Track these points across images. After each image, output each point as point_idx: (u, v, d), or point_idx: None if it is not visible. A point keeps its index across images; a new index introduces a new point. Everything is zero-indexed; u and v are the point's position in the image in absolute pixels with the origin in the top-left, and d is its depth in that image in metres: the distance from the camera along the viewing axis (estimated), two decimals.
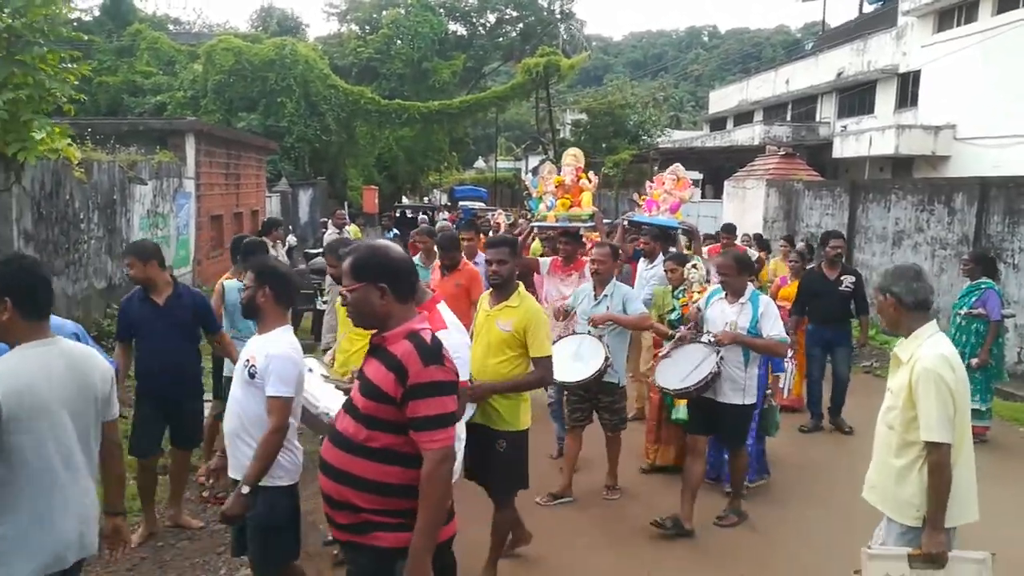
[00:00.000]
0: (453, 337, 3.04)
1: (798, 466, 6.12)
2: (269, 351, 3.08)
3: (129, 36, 26.76)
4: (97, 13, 27.67)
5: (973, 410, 5.47)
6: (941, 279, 10.35)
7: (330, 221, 12.56)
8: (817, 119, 27.45)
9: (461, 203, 31.50)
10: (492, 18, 37.79)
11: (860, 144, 21.78)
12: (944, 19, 21.25)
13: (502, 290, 3.94)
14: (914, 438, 2.92)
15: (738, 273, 4.72)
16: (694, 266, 5.72)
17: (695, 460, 4.80)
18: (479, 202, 32.76)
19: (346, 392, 3.00)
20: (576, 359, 4.95)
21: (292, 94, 24.15)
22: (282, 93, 24.07)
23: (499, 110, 33.98)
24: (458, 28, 36.88)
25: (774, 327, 4.61)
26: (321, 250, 13.04)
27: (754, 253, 9.16)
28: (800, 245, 8.90)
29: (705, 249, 8.30)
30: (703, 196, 24.59)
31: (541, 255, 7.72)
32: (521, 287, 4.00)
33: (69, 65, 6.71)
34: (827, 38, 31.85)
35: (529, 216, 13.32)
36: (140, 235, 9.79)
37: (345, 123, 26.18)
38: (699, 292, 5.48)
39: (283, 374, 3.05)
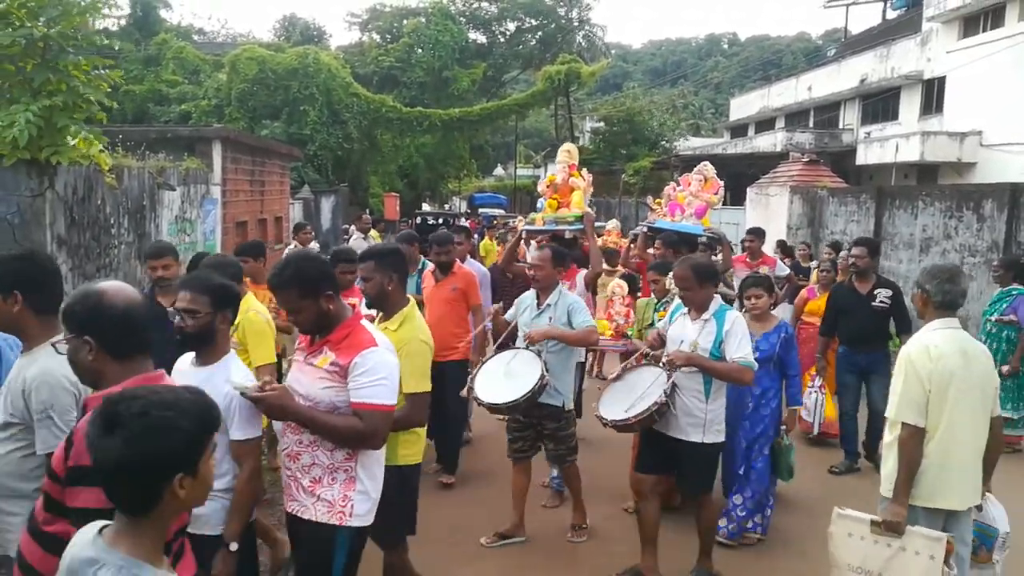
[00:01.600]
0: (382, 356, 2.64)
1: (814, 507, 5.20)
2: (225, 390, 2.62)
3: (155, 46, 27.20)
4: (124, 24, 28.16)
5: (1005, 419, 5.41)
6: (971, 286, 10.18)
7: (354, 226, 12.64)
8: (840, 126, 27.24)
9: (481, 210, 31.61)
10: (511, 26, 37.95)
11: (884, 151, 21.57)
12: (969, 25, 21.03)
13: (383, 308, 3.39)
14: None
15: (699, 285, 3.99)
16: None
17: (645, 503, 4.15)
18: (499, 209, 32.84)
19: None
20: (508, 377, 4.25)
21: (315, 102, 24.37)
22: (305, 101, 24.30)
23: (519, 118, 34.06)
24: (478, 36, 37.06)
25: (739, 348, 3.88)
26: None
27: (785, 268, 8.15)
28: (844, 253, 7.88)
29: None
30: (724, 203, 24.44)
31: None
32: (410, 306, 3.41)
33: (101, 72, 6.84)
34: (850, 45, 31.63)
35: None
36: (169, 241, 9.92)
37: (367, 131, 26.41)
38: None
39: (248, 412, 2.65)
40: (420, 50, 31.43)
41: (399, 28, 33.59)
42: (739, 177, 22.17)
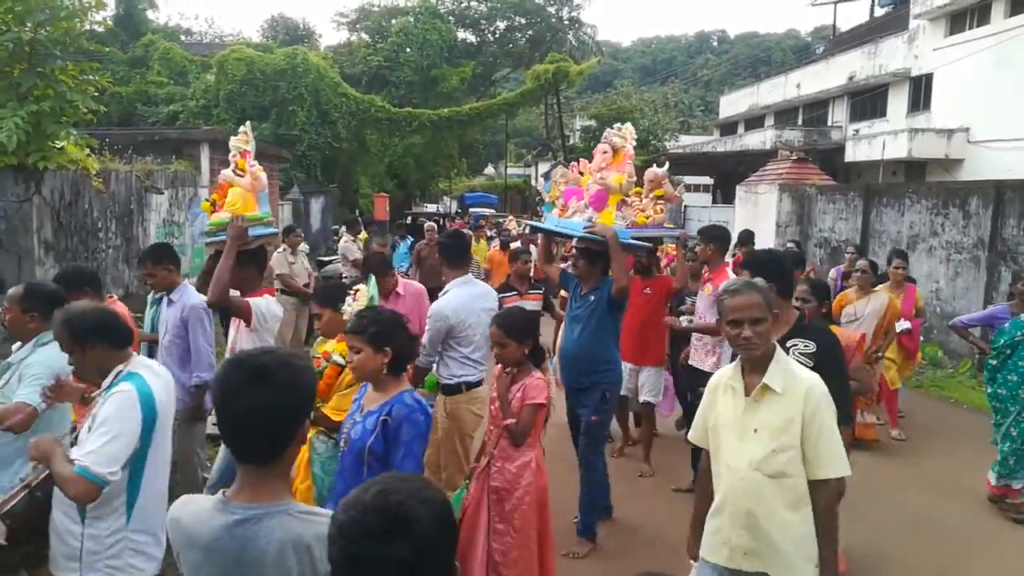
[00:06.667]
0: None
1: None
2: None
3: (142, 47, 27.04)
4: (108, 24, 27.95)
5: None
6: (956, 283, 10.29)
7: (344, 228, 12.60)
8: (829, 123, 27.37)
9: (472, 210, 31.64)
10: (501, 25, 37.95)
11: (872, 148, 21.70)
12: (956, 22, 21.17)
13: None
14: (804, 482, 2.57)
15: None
16: (355, 292, 3.61)
17: None
18: (489, 208, 32.87)
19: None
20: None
21: (303, 103, 24.30)
22: (294, 102, 24.23)
23: (509, 117, 34.04)
24: (467, 35, 37.03)
25: (88, 443, 2.30)
26: (334, 258, 13.10)
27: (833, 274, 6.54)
28: (862, 263, 6.84)
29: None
30: (714, 201, 24.57)
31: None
32: None
33: (89, 77, 6.82)
34: (838, 42, 31.79)
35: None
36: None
37: (356, 131, 26.34)
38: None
39: None
40: (409, 49, 31.36)
41: (387, 27, 33.50)
42: (728, 175, 22.28)
